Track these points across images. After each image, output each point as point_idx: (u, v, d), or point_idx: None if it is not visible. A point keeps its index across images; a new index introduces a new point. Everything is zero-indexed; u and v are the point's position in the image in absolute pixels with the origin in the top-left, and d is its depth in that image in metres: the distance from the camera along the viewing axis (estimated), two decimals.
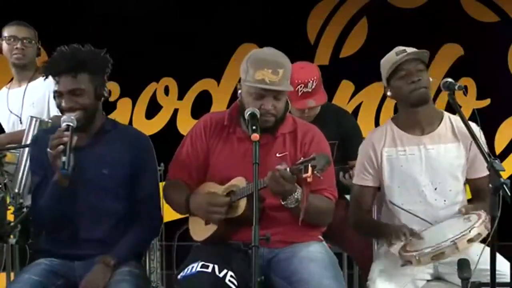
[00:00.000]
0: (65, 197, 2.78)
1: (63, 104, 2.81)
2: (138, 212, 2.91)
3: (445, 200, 2.97)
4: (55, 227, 2.88)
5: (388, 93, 3.04)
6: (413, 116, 3.01)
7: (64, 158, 2.64)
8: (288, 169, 2.59)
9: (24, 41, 3.90)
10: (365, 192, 3.09)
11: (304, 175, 2.52)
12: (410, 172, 2.99)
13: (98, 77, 2.87)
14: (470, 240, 2.63)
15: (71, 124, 2.73)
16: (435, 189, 2.97)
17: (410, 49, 2.98)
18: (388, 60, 3.00)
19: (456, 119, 2.99)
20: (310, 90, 3.61)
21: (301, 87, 3.59)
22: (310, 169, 2.51)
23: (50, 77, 2.87)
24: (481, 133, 2.80)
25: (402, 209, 2.98)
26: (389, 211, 3.06)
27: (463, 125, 2.79)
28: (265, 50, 2.90)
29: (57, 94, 2.83)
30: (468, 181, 3.03)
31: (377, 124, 5.60)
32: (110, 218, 2.88)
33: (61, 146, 2.66)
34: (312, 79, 3.63)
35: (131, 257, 2.86)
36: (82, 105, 2.81)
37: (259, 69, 2.78)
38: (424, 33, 5.45)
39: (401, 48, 2.98)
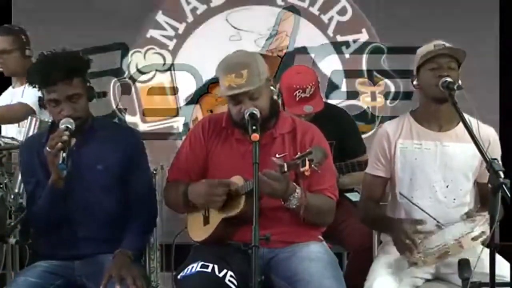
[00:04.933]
0: (62, 198, 2.81)
1: (63, 112, 2.80)
2: (135, 205, 2.93)
3: (454, 199, 2.96)
4: (53, 229, 2.89)
5: (414, 82, 3.02)
6: (433, 112, 2.98)
7: (64, 155, 2.66)
8: (285, 164, 2.60)
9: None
10: (376, 182, 3.08)
11: (302, 169, 2.54)
12: (423, 167, 2.97)
13: (86, 79, 2.91)
14: (474, 238, 2.63)
15: (69, 126, 2.76)
16: (447, 186, 2.96)
17: (448, 45, 2.95)
18: (424, 50, 2.97)
19: (475, 121, 2.90)
20: (308, 95, 3.60)
21: (299, 92, 3.57)
22: (307, 162, 2.53)
23: None
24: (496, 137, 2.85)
25: (412, 202, 2.96)
26: (395, 202, 3.06)
27: (481, 128, 2.77)
28: (231, 54, 2.91)
29: (53, 103, 2.82)
30: (477, 184, 3.02)
31: None
32: (106, 214, 2.90)
33: (60, 144, 2.68)
34: (310, 84, 3.61)
35: (144, 246, 2.95)
36: (81, 112, 2.85)
37: (225, 75, 2.78)
38: None
39: (441, 42, 2.95)
